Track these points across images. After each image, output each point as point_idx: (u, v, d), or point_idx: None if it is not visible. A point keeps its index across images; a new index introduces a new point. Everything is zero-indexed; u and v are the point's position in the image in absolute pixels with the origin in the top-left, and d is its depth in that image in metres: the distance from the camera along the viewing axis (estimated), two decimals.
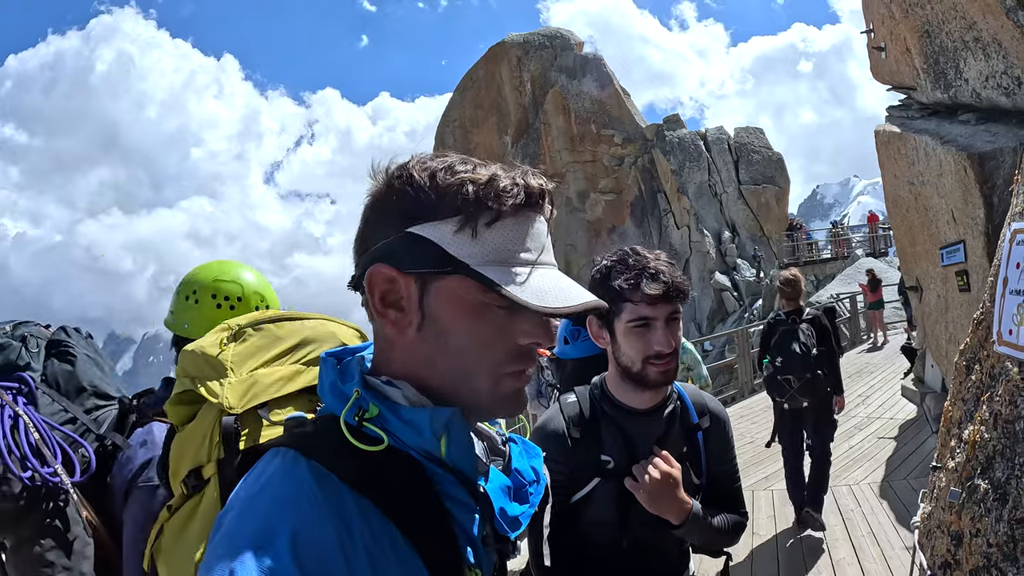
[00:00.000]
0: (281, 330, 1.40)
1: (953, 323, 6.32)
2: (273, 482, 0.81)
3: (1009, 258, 2.03)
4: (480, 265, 0.84)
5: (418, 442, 0.86)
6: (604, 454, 1.76)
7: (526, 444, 1.08)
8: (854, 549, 5.25)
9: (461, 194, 0.85)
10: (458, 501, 0.89)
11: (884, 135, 7.63)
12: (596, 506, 1.75)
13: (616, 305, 1.69)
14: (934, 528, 2.29)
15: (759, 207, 32.23)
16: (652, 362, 1.67)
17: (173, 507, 1.29)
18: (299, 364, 1.35)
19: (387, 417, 0.87)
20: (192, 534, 1.22)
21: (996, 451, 1.98)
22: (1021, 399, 1.90)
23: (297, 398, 1.29)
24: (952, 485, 2.17)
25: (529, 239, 0.88)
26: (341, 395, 0.90)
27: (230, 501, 0.82)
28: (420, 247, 0.85)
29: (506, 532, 0.94)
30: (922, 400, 9.21)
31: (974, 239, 5.43)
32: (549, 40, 37.04)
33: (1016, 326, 1.94)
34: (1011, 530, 1.83)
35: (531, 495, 1.00)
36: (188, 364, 1.36)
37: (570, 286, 0.89)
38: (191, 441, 1.30)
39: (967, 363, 2.36)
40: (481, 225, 0.85)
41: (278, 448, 0.86)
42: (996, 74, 5.28)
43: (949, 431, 2.38)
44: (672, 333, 1.68)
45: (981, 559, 1.94)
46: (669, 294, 1.65)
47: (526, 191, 0.88)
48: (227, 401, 1.24)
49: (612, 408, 1.80)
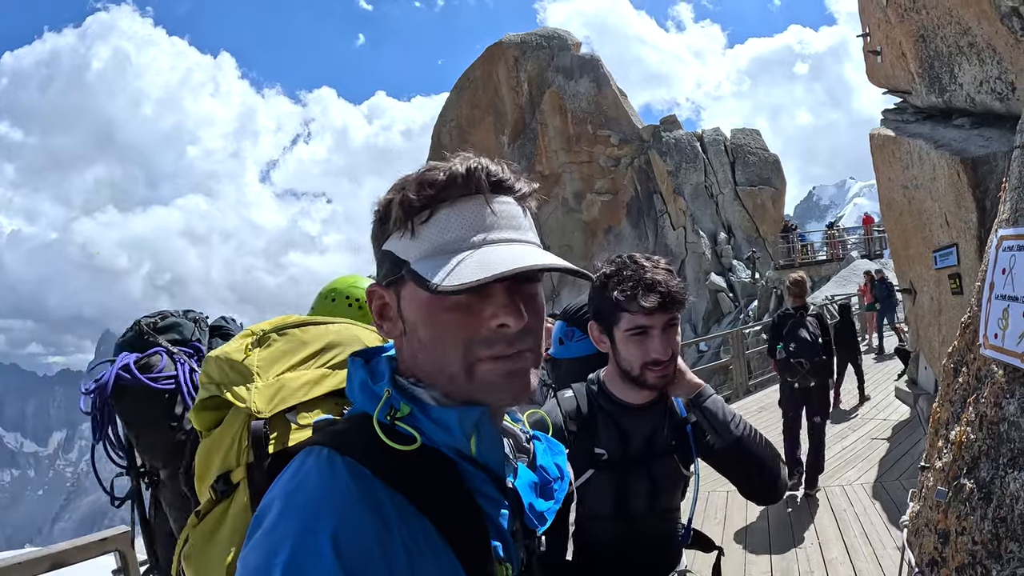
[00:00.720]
0: (306, 335, 1.41)
1: (946, 326, 6.37)
2: (310, 480, 0.82)
3: (995, 264, 2.08)
4: (419, 260, 0.87)
5: (448, 440, 0.89)
6: (599, 447, 1.83)
7: (550, 441, 1.11)
8: (846, 548, 5.30)
9: (397, 201, 0.89)
10: (489, 497, 0.91)
11: (879, 138, 7.68)
12: (590, 497, 1.80)
13: (614, 314, 1.74)
14: (922, 527, 2.33)
15: (755, 208, 32.32)
16: (650, 368, 1.73)
17: (202, 512, 1.28)
18: (325, 368, 1.36)
19: (418, 416, 0.89)
20: (222, 539, 1.21)
21: (981, 451, 2.02)
22: (1006, 401, 1.95)
23: (324, 402, 1.30)
24: (939, 485, 2.22)
25: (469, 224, 0.87)
26: (372, 394, 0.92)
27: (267, 500, 0.82)
28: (387, 259, 0.92)
29: (535, 527, 0.97)
30: (915, 401, 9.26)
31: (967, 243, 5.48)
32: (546, 40, 37.06)
33: (1001, 330, 1.99)
34: (995, 528, 1.87)
35: (556, 491, 1.03)
36: (212, 370, 1.36)
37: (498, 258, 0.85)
38: (219, 446, 1.30)
39: (955, 366, 2.40)
40: (417, 224, 0.88)
41: (311, 447, 0.87)
42: (990, 79, 5.32)
43: (937, 432, 2.42)
44: (669, 339, 1.73)
45: (967, 557, 1.98)
46: (665, 304, 1.68)
47: (450, 178, 0.88)
48: (255, 406, 1.24)
49: (609, 403, 1.87)
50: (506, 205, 0.91)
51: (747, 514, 6.38)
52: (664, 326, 1.71)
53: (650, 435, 1.86)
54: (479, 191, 0.89)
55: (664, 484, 1.88)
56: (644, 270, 1.71)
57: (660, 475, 1.87)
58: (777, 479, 1.86)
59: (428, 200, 0.88)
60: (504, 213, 0.90)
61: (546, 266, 0.85)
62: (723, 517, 6.37)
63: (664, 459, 1.87)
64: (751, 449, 1.82)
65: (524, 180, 0.94)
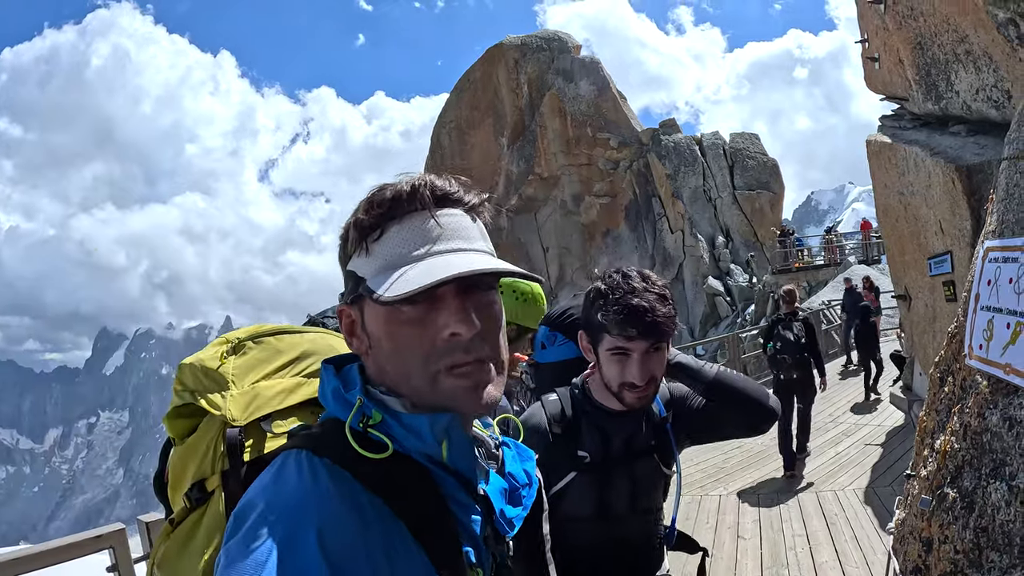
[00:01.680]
0: (281, 343, 1.41)
1: (940, 332, 6.39)
2: (292, 480, 0.83)
3: (981, 275, 2.10)
4: (373, 276, 0.90)
5: (420, 447, 0.90)
6: (582, 450, 1.86)
7: (519, 448, 1.12)
8: (836, 553, 5.31)
9: (354, 221, 0.93)
10: (460, 503, 0.93)
11: (875, 145, 7.70)
12: (572, 499, 1.84)
13: (598, 333, 1.77)
14: (907, 534, 2.35)
15: (753, 212, 32.35)
16: (627, 389, 1.76)
17: (175, 520, 1.28)
18: (300, 377, 1.36)
19: (390, 423, 0.91)
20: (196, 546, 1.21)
21: (965, 461, 2.04)
22: (989, 411, 1.96)
23: (299, 410, 1.30)
24: (924, 493, 2.23)
25: (415, 238, 0.90)
26: (344, 402, 0.94)
27: (247, 499, 0.83)
28: (349, 279, 0.96)
29: (505, 532, 0.99)
30: (910, 407, 9.28)
31: (961, 250, 5.50)
32: (547, 43, 37.08)
33: (986, 341, 2.00)
34: (976, 537, 1.89)
35: (524, 498, 1.04)
36: (187, 378, 1.36)
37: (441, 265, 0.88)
38: (193, 454, 1.29)
39: (941, 375, 2.42)
40: (370, 242, 0.92)
41: (290, 450, 0.89)
42: (986, 87, 5.34)
43: (923, 440, 2.44)
44: (650, 364, 1.74)
45: (949, 565, 2.00)
46: (646, 334, 1.69)
47: (395, 196, 0.91)
48: (230, 413, 1.24)
49: (592, 408, 1.91)
50: (453, 217, 0.93)
51: (738, 517, 6.40)
52: (645, 351, 1.73)
53: (630, 437, 1.90)
54: (423, 206, 0.91)
55: (645, 484, 1.92)
56: (633, 294, 1.70)
57: (641, 475, 1.91)
58: (766, 399, 1.93)
59: (378, 219, 0.91)
60: (450, 225, 0.93)
61: (486, 270, 0.88)
62: (715, 521, 6.39)
63: (644, 459, 1.91)
64: (730, 381, 1.92)
65: (474, 192, 0.97)
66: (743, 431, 2.02)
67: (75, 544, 2.91)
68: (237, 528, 0.79)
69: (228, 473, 1.20)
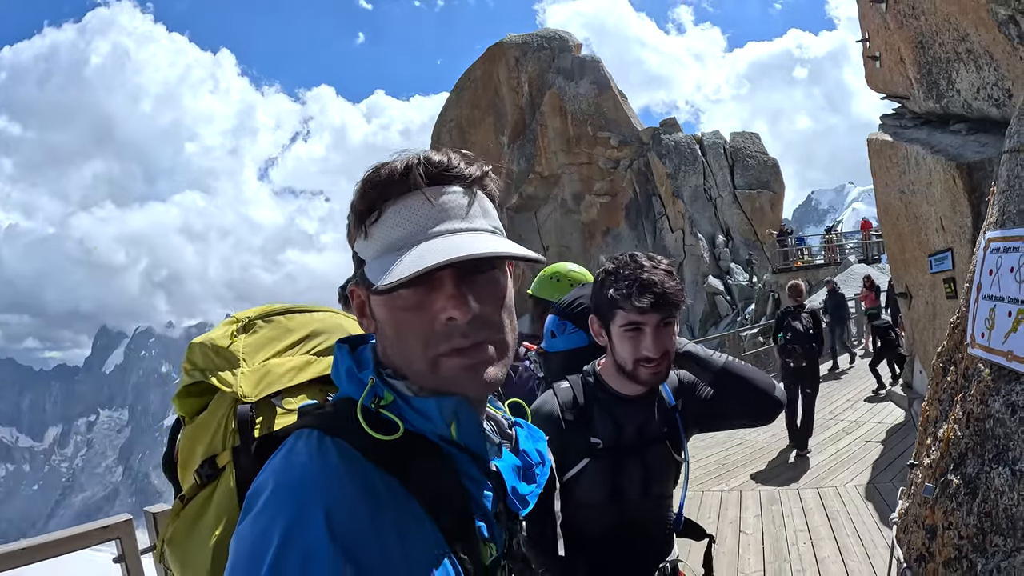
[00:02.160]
0: (291, 322, 1.42)
1: (941, 329, 6.41)
2: (301, 460, 0.84)
3: (983, 265, 2.13)
4: (372, 260, 0.91)
5: (430, 428, 0.91)
6: (595, 436, 1.89)
7: (531, 428, 1.15)
8: (838, 548, 5.34)
9: (353, 203, 0.93)
10: (473, 479, 0.94)
11: (876, 143, 7.73)
12: (586, 485, 1.87)
13: (611, 311, 1.81)
14: (910, 523, 2.38)
15: (753, 212, 32.37)
16: (642, 364, 1.80)
17: (186, 497, 1.27)
18: (310, 355, 1.36)
19: (400, 404, 0.92)
20: (207, 523, 1.21)
21: (968, 448, 2.07)
22: (991, 398, 1.99)
23: (308, 387, 1.30)
24: (927, 481, 2.26)
25: (411, 220, 0.89)
26: (358, 381, 0.95)
27: (259, 481, 0.84)
28: (355, 260, 0.96)
29: (518, 510, 1.00)
30: (910, 405, 9.32)
31: (961, 247, 5.52)
32: (547, 41, 37.09)
33: (988, 329, 2.03)
34: (980, 523, 1.92)
35: (538, 475, 1.07)
36: (197, 357, 1.36)
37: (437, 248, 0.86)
38: (204, 431, 1.29)
39: (943, 365, 2.45)
40: (369, 224, 0.91)
41: (301, 430, 0.90)
42: (987, 86, 5.37)
43: (926, 430, 2.47)
44: (663, 338, 1.79)
45: (953, 551, 2.03)
46: (658, 305, 1.74)
47: (388, 176, 0.90)
48: (241, 390, 1.24)
49: (604, 394, 1.94)
50: (451, 195, 0.91)
51: (740, 512, 6.43)
52: (657, 325, 1.77)
53: (642, 424, 1.93)
54: (417, 186, 0.89)
55: (657, 470, 1.94)
56: (642, 270, 1.76)
57: (653, 461, 1.93)
58: (772, 389, 1.96)
59: (374, 200, 0.91)
60: (448, 204, 0.91)
61: (478, 254, 0.85)
62: (716, 516, 6.42)
63: (656, 446, 1.94)
64: (738, 370, 1.97)
65: (476, 165, 0.95)
66: (749, 420, 2.06)
67: (82, 535, 2.92)
68: (248, 510, 0.81)
69: (239, 449, 1.21)
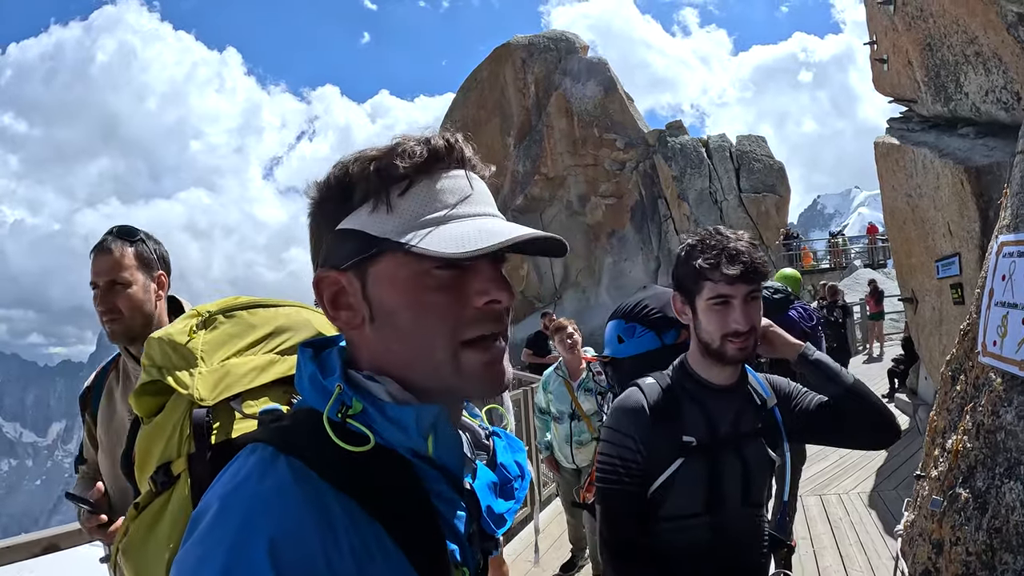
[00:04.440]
0: (254, 317, 1.33)
1: (947, 335, 6.34)
2: (250, 481, 0.77)
3: (995, 270, 2.06)
4: (402, 235, 0.82)
5: (404, 440, 0.83)
6: (686, 434, 1.76)
7: (510, 438, 1.06)
8: (841, 557, 5.27)
9: (366, 174, 0.84)
10: (445, 499, 0.86)
11: (883, 147, 7.66)
12: (680, 491, 1.74)
13: (697, 283, 1.73)
14: (916, 536, 2.31)
15: (759, 215, 32.27)
16: (730, 339, 1.71)
17: (141, 504, 1.20)
18: (273, 353, 1.27)
19: (371, 414, 0.83)
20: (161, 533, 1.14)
21: (978, 461, 2.00)
22: (1003, 409, 1.92)
23: (271, 389, 1.21)
24: (935, 494, 2.19)
25: (449, 194, 0.85)
26: (322, 389, 0.86)
27: (205, 501, 0.78)
28: (347, 239, 0.85)
29: (492, 531, 0.93)
30: (915, 412, 9.24)
31: (969, 252, 5.46)
32: (554, 43, 37.07)
33: (1000, 337, 1.96)
34: (989, 539, 1.85)
35: (516, 490, 0.99)
36: (155, 353, 1.27)
37: (497, 227, 0.83)
38: (159, 435, 1.21)
39: (952, 373, 2.38)
40: (394, 197, 0.84)
41: (255, 444, 0.83)
42: (996, 89, 5.31)
43: (934, 440, 2.40)
44: (751, 311, 1.72)
45: (960, 567, 1.96)
46: (747, 274, 1.68)
47: (429, 149, 0.85)
48: (198, 393, 1.16)
49: (693, 384, 1.82)
50: (480, 181, 0.89)
51: None
52: (746, 297, 1.70)
53: (736, 417, 1.81)
54: (461, 164, 0.87)
55: (756, 468, 1.81)
56: (728, 240, 1.72)
57: (751, 458, 1.81)
58: (893, 417, 1.87)
59: (406, 172, 0.84)
60: (480, 188, 0.88)
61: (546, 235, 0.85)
62: None
63: (753, 442, 1.82)
64: (866, 392, 1.84)
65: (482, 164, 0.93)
66: (868, 443, 1.95)
67: (69, 533, 2.89)
68: (190, 533, 0.75)
69: (194, 456, 1.13)
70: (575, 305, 30.76)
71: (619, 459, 1.75)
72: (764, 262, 1.71)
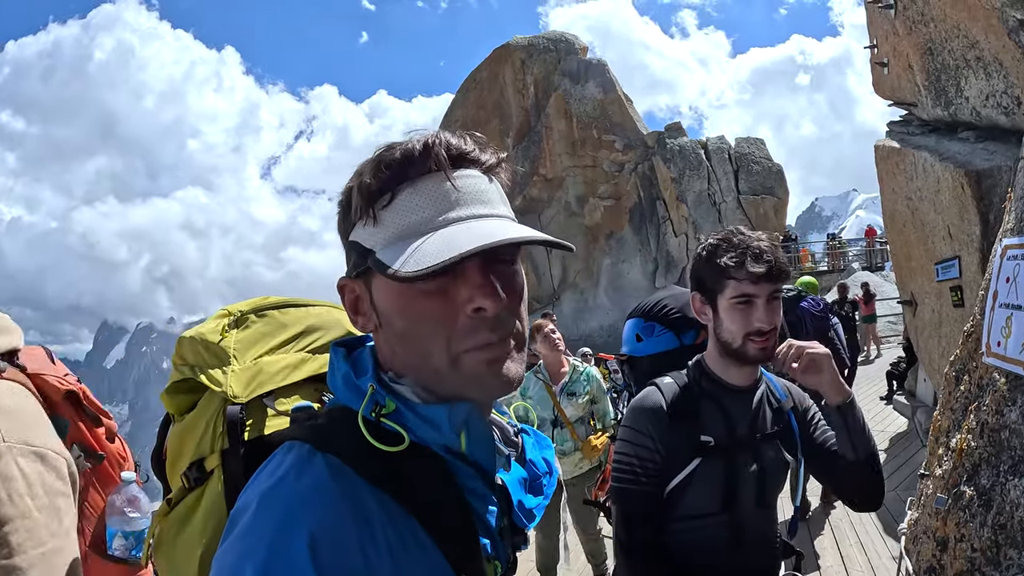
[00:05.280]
0: (285, 316, 1.34)
1: (946, 338, 6.38)
2: (288, 478, 0.78)
3: (999, 272, 2.10)
4: (383, 248, 0.82)
5: (437, 438, 0.85)
6: (704, 434, 1.76)
7: (538, 435, 1.08)
8: (842, 558, 5.30)
9: (359, 185, 0.85)
10: (477, 494, 0.88)
11: (883, 150, 7.70)
12: (697, 490, 1.74)
13: (720, 282, 1.73)
14: (920, 534, 2.34)
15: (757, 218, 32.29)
16: (752, 339, 1.70)
17: (173, 500, 1.22)
18: (305, 352, 1.30)
19: (404, 412, 0.85)
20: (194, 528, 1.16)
21: (982, 459, 2.03)
22: (1007, 408, 1.96)
23: (302, 387, 1.24)
24: (939, 492, 2.23)
25: (431, 203, 0.83)
26: (356, 389, 0.88)
27: (244, 499, 0.79)
28: (354, 251, 0.87)
29: (523, 525, 0.95)
30: (913, 414, 9.26)
31: (969, 255, 5.49)
32: (553, 44, 37.06)
33: (1004, 338, 2.00)
34: (994, 535, 1.88)
35: (544, 486, 1.01)
36: (187, 352, 1.30)
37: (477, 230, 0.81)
38: (192, 432, 1.22)
39: (956, 374, 2.42)
40: (379, 210, 0.83)
41: (292, 442, 0.84)
42: (996, 93, 5.33)
43: (938, 440, 2.43)
44: (773, 311, 1.71)
45: (965, 563, 1.99)
46: (772, 273, 1.68)
47: (406, 156, 0.83)
48: (231, 390, 1.18)
49: (710, 384, 1.82)
50: (471, 179, 0.86)
51: None
52: (768, 297, 1.70)
53: (754, 418, 1.81)
54: (439, 167, 0.83)
55: (771, 469, 1.81)
56: (751, 239, 1.72)
57: (767, 459, 1.81)
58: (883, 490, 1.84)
59: (386, 182, 0.83)
60: (469, 188, 0.85)
61: (516, 239, 0.80)
62: None
63: (770, 443, 1.82)
64: (877, 458, 1.80)
65: (490, 151, 0.91)
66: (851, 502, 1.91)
67: None
68: (230, 530, 0.76)
69: (228, 452, 1.14)
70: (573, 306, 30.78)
71: (636, 458, 1.76)
72: (786, 262, 1.72)
